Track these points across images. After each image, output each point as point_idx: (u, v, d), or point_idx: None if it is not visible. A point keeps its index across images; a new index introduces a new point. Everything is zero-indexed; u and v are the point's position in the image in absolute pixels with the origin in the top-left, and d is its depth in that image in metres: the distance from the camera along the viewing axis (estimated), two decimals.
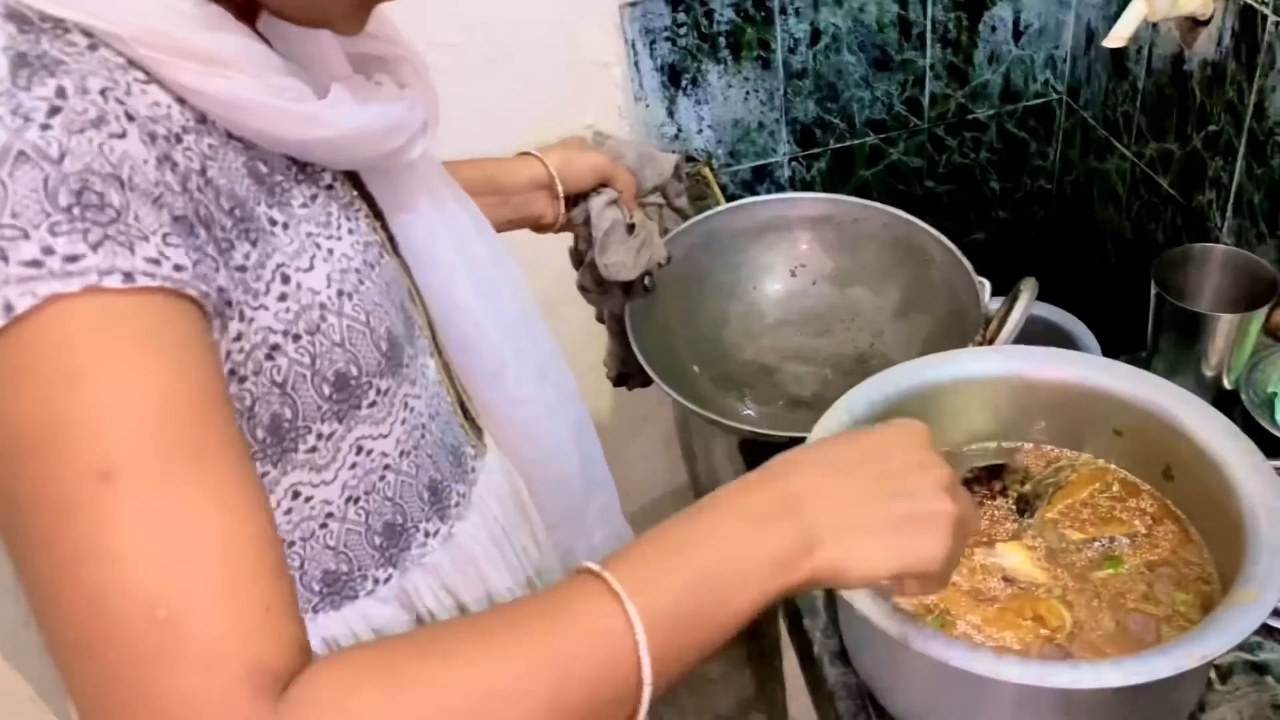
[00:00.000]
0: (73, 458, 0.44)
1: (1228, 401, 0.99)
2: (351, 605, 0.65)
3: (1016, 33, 1.43)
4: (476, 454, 0.75)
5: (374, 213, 0.68)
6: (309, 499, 0.61)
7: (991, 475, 0.86)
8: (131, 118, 0.48)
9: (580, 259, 1.01)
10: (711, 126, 1.40)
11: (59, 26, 0.48)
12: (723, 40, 1.34)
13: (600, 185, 0.97)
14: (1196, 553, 0.80)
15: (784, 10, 1.33)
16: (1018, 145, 1.53)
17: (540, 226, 0.97)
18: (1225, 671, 0.79)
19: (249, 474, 0.48)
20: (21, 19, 0.48)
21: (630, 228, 0.96)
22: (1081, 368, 0.85)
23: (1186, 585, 0.78)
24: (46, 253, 0.44)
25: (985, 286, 1.03)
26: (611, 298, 1.02)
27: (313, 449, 0.59)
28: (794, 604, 0.88)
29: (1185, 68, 1.20)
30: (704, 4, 1.31)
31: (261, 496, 0.49)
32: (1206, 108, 1.17)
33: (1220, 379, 1.00)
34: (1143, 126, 1.32)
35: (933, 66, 1.43)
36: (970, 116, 1.49)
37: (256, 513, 0.48)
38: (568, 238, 1.02)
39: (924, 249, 1.09)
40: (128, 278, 0.45)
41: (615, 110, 1.37)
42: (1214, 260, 1.02)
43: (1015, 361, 0.87)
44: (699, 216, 1.10)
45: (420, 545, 0.69)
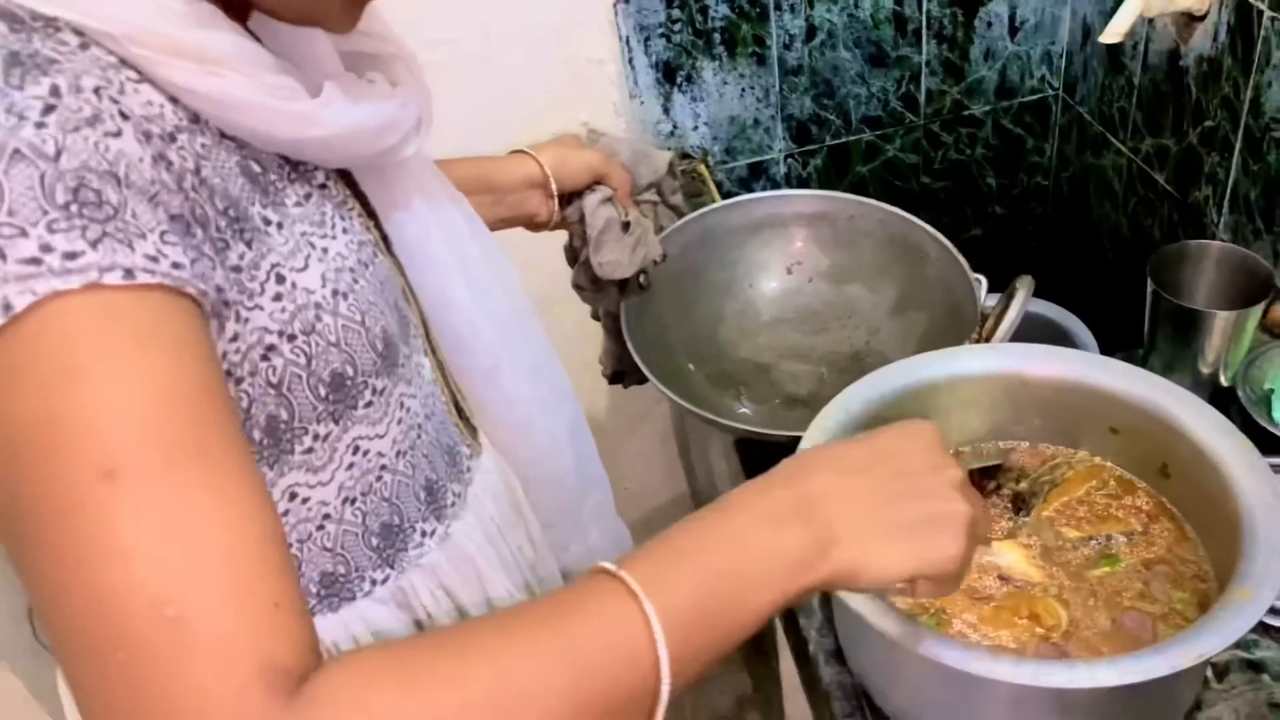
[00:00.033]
0: (75, 457, 0.43)
1: (1224, 398, 0.99)
2: (349, 607, 0.65)
3: (1012, 28, 1.42)
4: (471, 453, 0.75)
5: (367, 212, 0.68)
6: (306, 500, 0.60)
7: (986, 474, 0.86)
8: (126, 117, 0.47)
9: (575, 256, 1.01)
10: (707, 123, 1.40)
11: (50, 25, 0.48)
12: (717, 36, 1.33)
13: (595, 183, 0.96)
14: (1193, 550, 0.79)
15: (779, 6, 1.33)
16: (1014, 141, 1.53)
17: (534, 225, 0.97)
18: (1222, 670, 0.79)
19: (252, 471, 0.48)
20: (12, 18, 0.47)
21: (625, 226, 0.96)
22: (1077, 365, 0.85)
23: (1183, 583, 0.77)
24: (45, 250, 0.43)
25: (981, 283, 1.03)
26: (607, 296, 1.02)
27: (309, 450, 0.59)
28: None
29: (1181, 63, 1.19)
30: (698, 0, 1.30)
31: (265, 493, 0.48)
32: (1202, 103, 1.17)
33: (1217, 376, 1.00)
34: (1139, 122, 1.31)
35: (929, 63, 1.42)
36: (966, 113, 1.48)
37: (261, 509, 0.47)
38: (563, 235, 1.02)
39: (919, 246, 1.09)
40: (128, 274, 0.45)
41: (610, 107, 1.37)
42: (1210, 257, 1.02)
43: (1011, 359, 0.87)
44: (694, 214, 1.10)
45: (417, 546, 0.68)
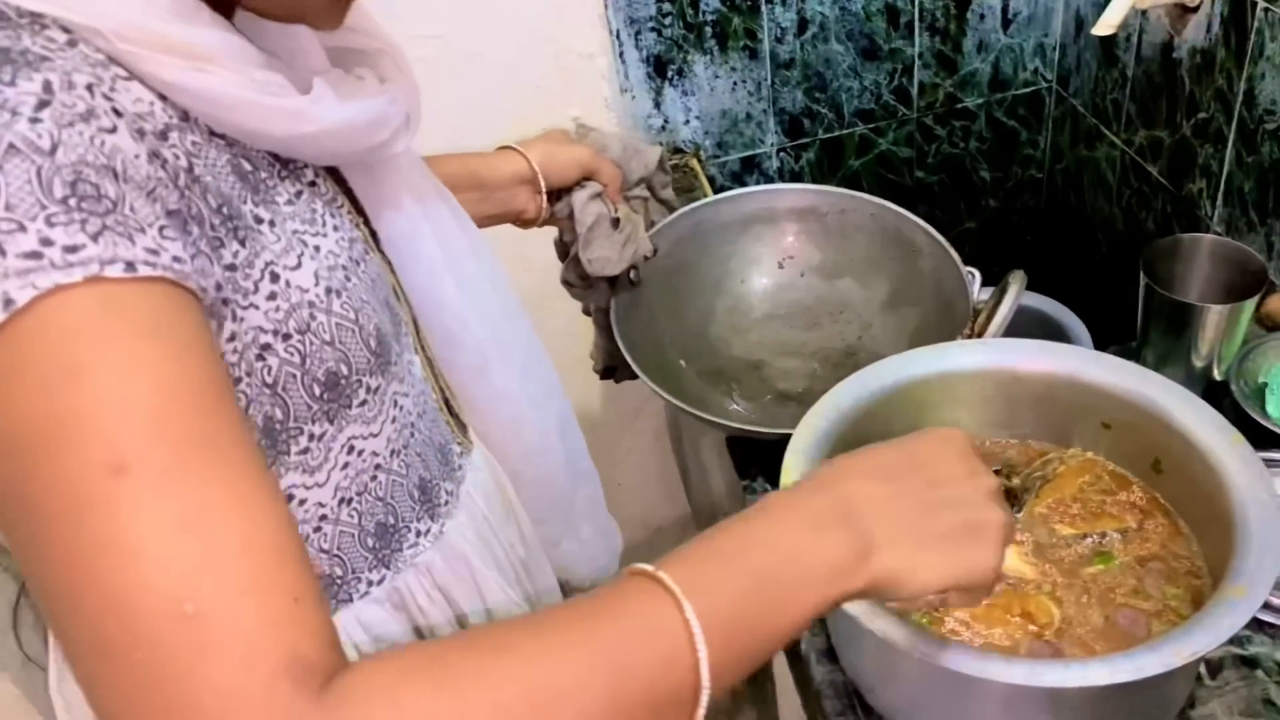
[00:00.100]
0: (83, 453, 0.42)
1: (1218, 392, 0.99)
2: (346, 609, 0.65)
3: (1005, 21, 1.42)
4: (463, 451, 0.75)
5: (356, 209, 0.67)
6: (302, 502, 0.60)
7: None
8: (119, 114, 0.47)
9: (566, 252, 1.00)
10: (699, 117, 1.39)
11: (37, 22, 0.47)
12: (709, 30, 1.33)
13: (584, 179, 0.96)
14: (1186, 546, 0.79)
15: None
16: (1007, 134, 1.52)
17: (523, 221, 0.96)
18: (1216, 666, 0.79)
19: (261, 464, 0.47)
20: None
21: (615, 222, 0.95)
22: (1069, 360, 0.84)
23: (1177, 579, 0.77)
24: (45, 244, 0.43)
25: (975, 277, 1.02)
26: (597, 292, 1.01)
27: (305, 450, 0.59)
28: None
29: (1174, 55, 1.19)
30: None
31: (276, 486, 0.48)
32: (1196, 95, 1.16)
33: (1210, 370, 0.99)
34: (1132, 114, 1.31)
35: (921, 55, 1.41)
36: (959, 106, 1.48)
37: (273, 502, 0.47)
38: (553, 231, 1.01)
39: (912, 240, 1.08)
40: (129, 267, 0.44)
41: (601, 102, 1.36)
42: (1203, 250, 1.01)
43: (1003, 354, 0.86)
44: (685, 209, 1.09)
45: (412, 545, 0.68)
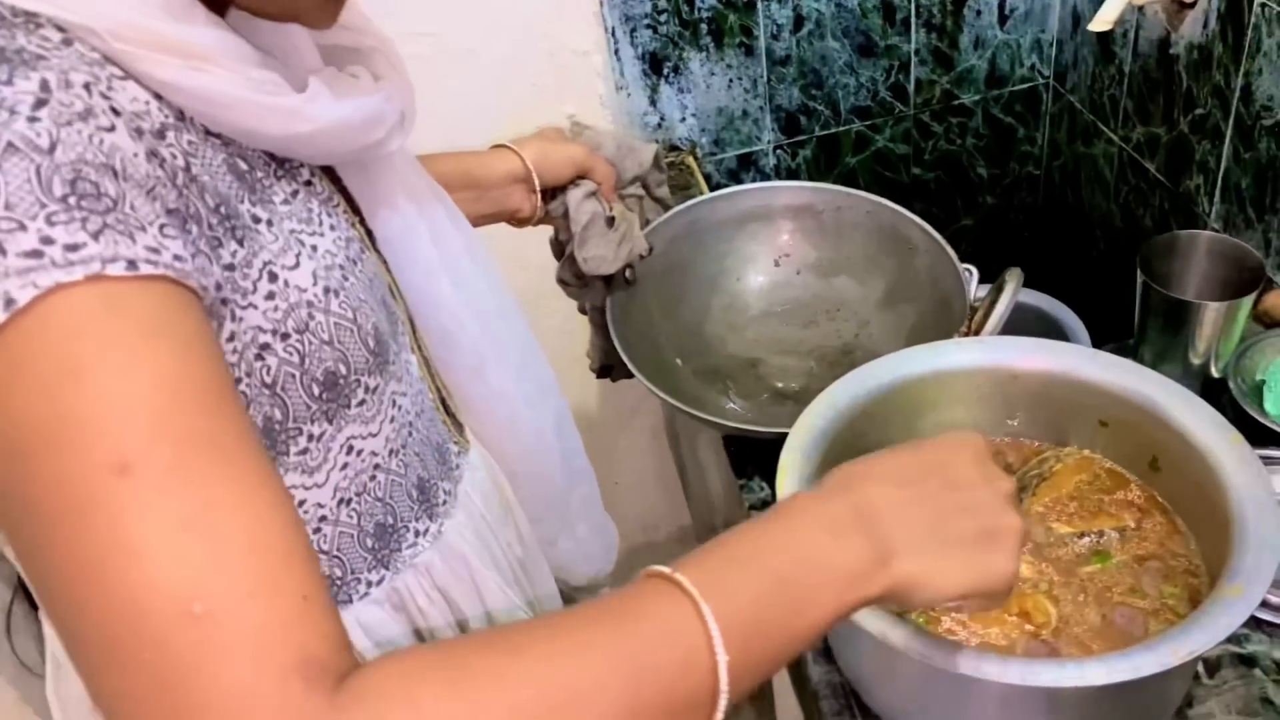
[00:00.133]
0: (86, 453, 0.42)
1: (1216, 390, 0.98)
2: (346, 610, 0.64)
3: (1002, 17, 1.41)
4: (459, 450, 0.75)
5: (352, 208, 0.67)
6: (302, 503, 0.60)
7: None
8: (117, 112, 0.47)
9: (561, 250, 1.00)
10: (695, 115, 1.38)
11: (31, 21, 0.47)
12: (704, 27, 1.32)
13: (578, 177, 0.95)
14: (1184, 545, 0.79)
15: None
16: (1005, 131, 1.52)
17: (518, 220, 0.96)
18: (1213, 665, 0.78)
19: (266, 462, 0.47)
20: None
21: (610, 221, 0.95)
22: (1066, 358, 0.84)
23: (1174, 578, 0.77)
24: (46, 243, 0.42)
25: (973, 274, 1.02)
26: (592, 291, 1.01)
27: (304, 451, 0.59)
28: None
29: (1172, 51, 1.18)
30: None
31: (281, 485, 0.47)
32: (1193, 91, 1.16)
33: (1208, 367, 0.99)
34: (1129, 111, 1.30)
35: (918, 52, 1.41)
36: (956, 102, 1.47)
37: (279, 500, 0.46)
38: (549, 229, 1.00)
39: (908, 237, 1.08)
40: (131, 265, 0.44)
41: (597, 99, 1.35)
42: (1200, 247, 1.01)
43: (1000, 353, 0.86)
44: (680, 207, 1.09)
45: (411, 545, 0.68)
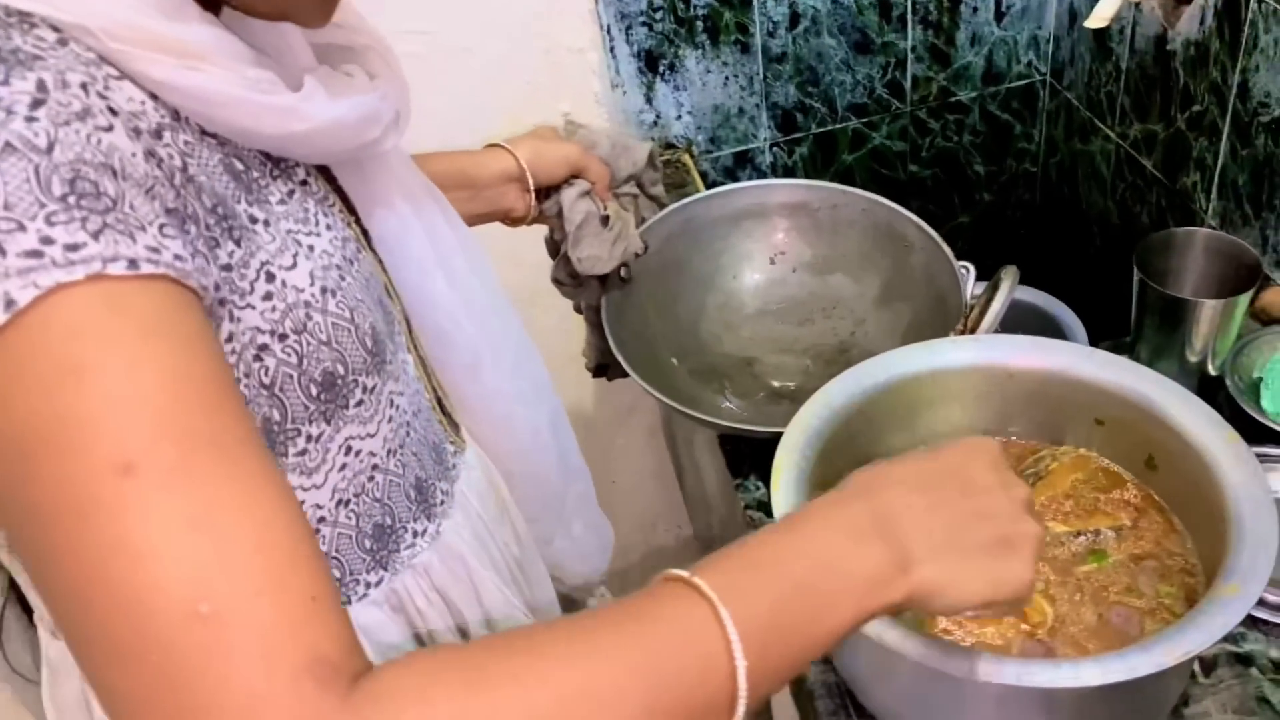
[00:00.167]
0: (89, 453, 0.42)
1: (1212, 387, 0.98)
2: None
3: (998, 13, 1.41)
4: (456, 450, 0.75)
5: (347, 207, 0.67)
6: (300, 504, 0.59)
7: None
8: (115, 112, 0.46)
9: (556, 249, 0.99)
10: (691, 113, 1.38)
11: (25, 20, 0.46)
12: (700, 24, 1.32)
13: (573, 176, 0.95)
14: (1180, 543, 0.78)
15: None
16: (1001, 128, 1.52)
17: (512, 220, 0.96)
18: (1210, 664, 0.78)
19: (270, 461, 0.47)
20: None
21: (604, 220, 0.94)
22: (1061, 356, 0.84)
23: (1170, 577, 0.76)
24: (46, 243, 0.42)
25: (969, 272, 1.01)
26: (587, 290, 1.01)
27: (302, 452, 0.58)
28: None
29: (1168, 48, 1.18)
30: None
31: (286, 484, 0.47)
32: (1190, 88, 1.16)
33: (1205, 364, 0.99)
34: (1126, 107, 1.30)
35: (914, 49, 1.41)
36: (953, 99, 1.47)
37: (284, 500, 0.46)
38: (545, 227, 1.00)
39: (904, 235, 1.08)
40: (132, 265, 0.44)
41: (592, 97, 1.35)
42: (1197, 244, 1.00)
43: (995, 351, 0.85)
44: (675, 205, 1.08)
45: (409, 546, 0.68)
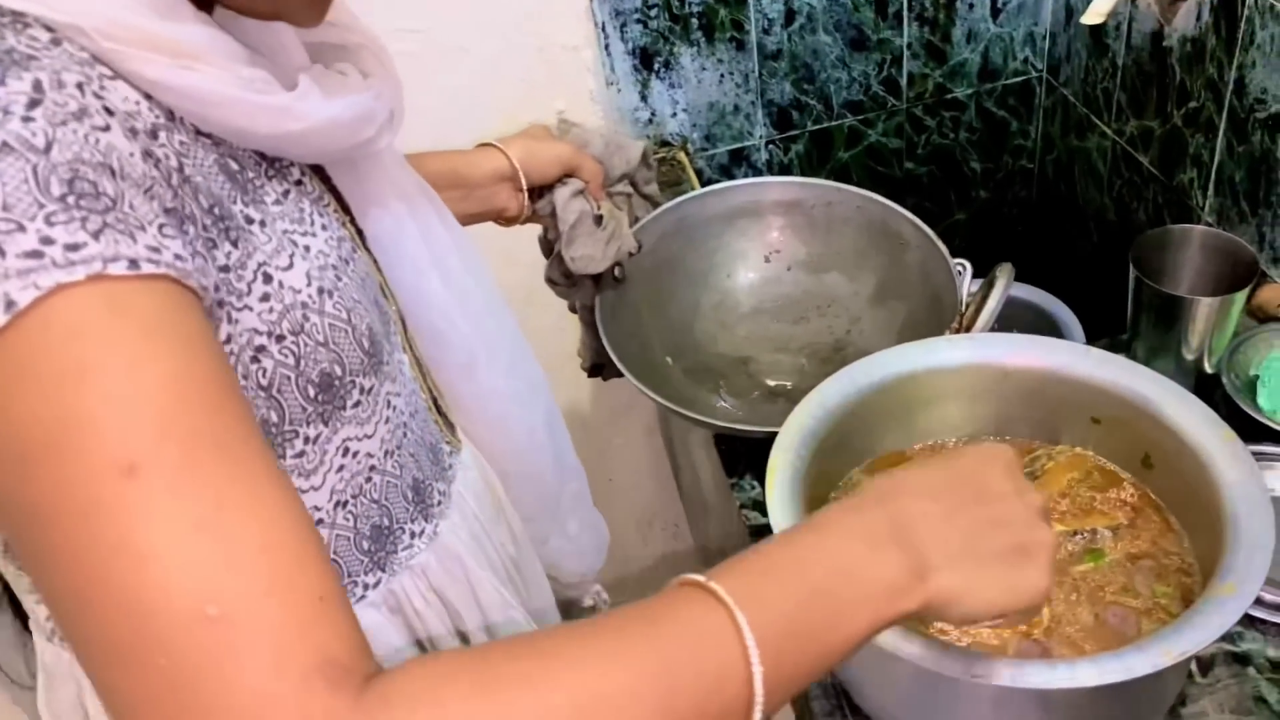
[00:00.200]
0: (92, 455, 0.41)
1: (1209, 385, 0.98)
2: None
3: (995, 10, 1.40)
4: (452, 450, 0.75)
5: (342, 207, 0.66)
6: (304, 504, 0.59)
7: None
8: (111, 112, 0.46)
9: (550, 249, 0.99)
10: (686, 110, 1.37)
11: (18, 20, 0.46)
12: (695, 21, 1.31)
13: (566, 175, 0.94)
14: (1177, 543, 0.78)
15: None
16: (998, 124, 1.51)
17: (505, 219, 0.95)
18: (1207, 663, 0.78)
19: (274, 461, 0.46)
20: None
21: (598, 219, 0.94)
22: (1058, 355, 0.83)
23: (1167, 577, 0.76)
24: (46, 243, 0.42)
25: (966, 269, 1.01)
26: (581, 290, 1.00)
27: (300, 454, 0.58)
28: None
29: (1165, 44, 1.18)
30: None
31: (289, 484, 0.47)
32: (1187, 84, 1.15)
33: (1201, 362, 0.98)
34: (1123, 104, 1.29)
35: (910, 45, 1.40)
36: (949, 96, 1.46)
37: (289, 500, 0.46)
38: (539, 227, 1.00)
39: (899, 232, 1.07)
40: (133, 264, 0.43)
41: (587, 95, 1.34)
42: (1193, 241, 1.00)
43: (990, 349, 0.85)
44: (669, 204, 1.08)
45: (406, 547, 0.68)
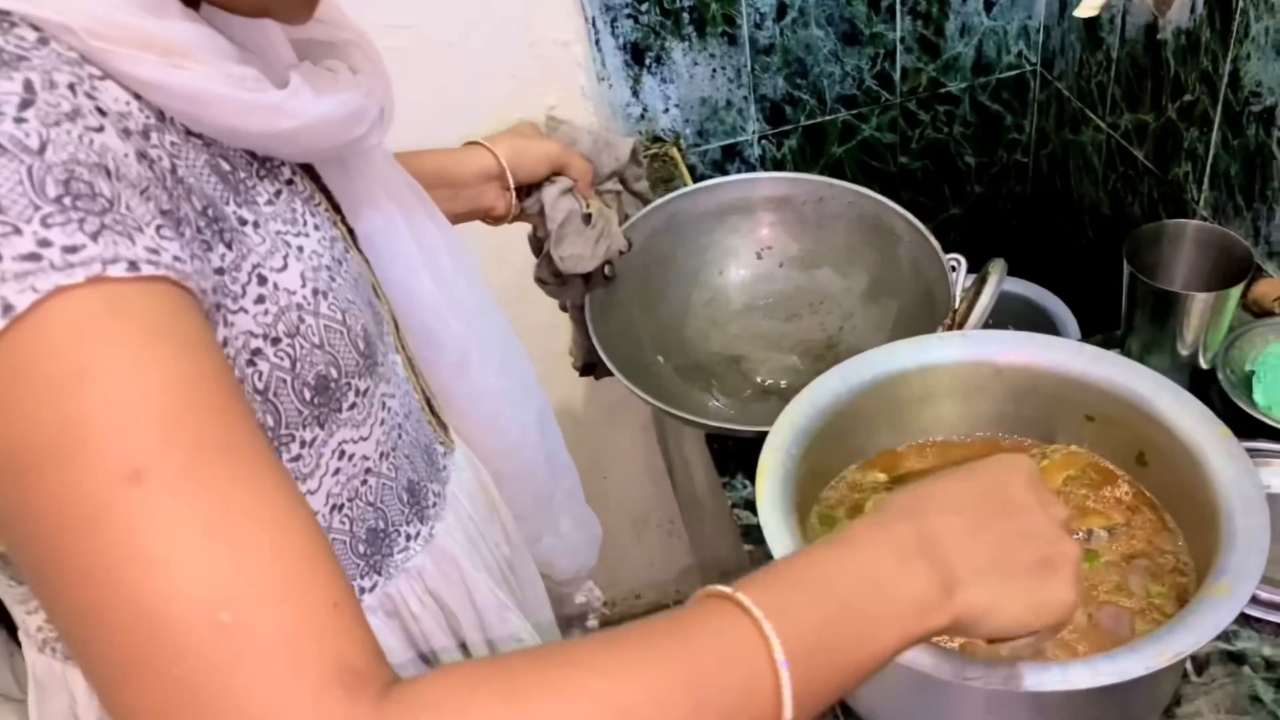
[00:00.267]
0: (96, 460, 0.40)
1: (1204, 381, 0.97)
2: None
3: (988, 3, 1.39)
4: (446, 451, 0.74)
5: (333, 206, 0.66)
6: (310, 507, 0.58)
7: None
8: (103, 113, 0.45)
9: (539, 248, 0.98)
10: (678, 105, 1.37)
11: (5, 20, 0.45)
12: (686, 16, 1.30)
13: (554, 174, 0.93)
14: (1172, 541, 0.77)
15: None
16: (992, 118, 1.50)
17: (493, 219, 0.94)
18: (1202, 663, 0.77)
19: (279, 463, 0.45)
20: None
21: (587, 218, 0.93)
22: (1050, 352, 0.83)
23: (1161, 576, 0.75)
24: (43, 245, 0.41)
25: (960, 264, 1.00)
26: (571, 289, 0.99)
27: (296, 457, 0.57)
28: None
29: (1159, 37, 1.17)
30: None
31: (295, 487, 0.46)
32: (1181, 78, 1.14)
33: (1196, 358, 0.97)
34: (1117, 97, 1.29)
35: (903, 39, 1.39)
36: (943, 90, 1.45)
37: (297, 503, 0.45)
38: (529, 225, 0.99)
39: (891, 227, 1.06)
40: (132, 266, 0.42)
41: (578, 91, 1.34)
42: (1187, 236, 0.99)
43: (983, 346, 0.84)
44: (659, 200, 1.07)
45: (402, 550, 0.67)
